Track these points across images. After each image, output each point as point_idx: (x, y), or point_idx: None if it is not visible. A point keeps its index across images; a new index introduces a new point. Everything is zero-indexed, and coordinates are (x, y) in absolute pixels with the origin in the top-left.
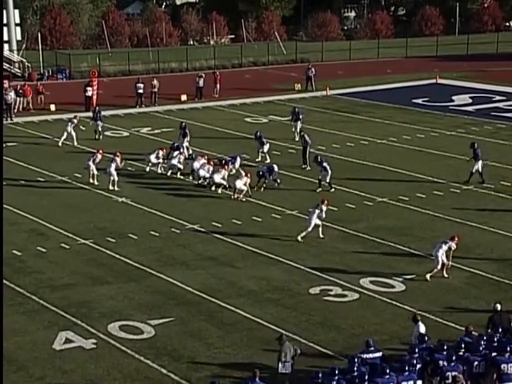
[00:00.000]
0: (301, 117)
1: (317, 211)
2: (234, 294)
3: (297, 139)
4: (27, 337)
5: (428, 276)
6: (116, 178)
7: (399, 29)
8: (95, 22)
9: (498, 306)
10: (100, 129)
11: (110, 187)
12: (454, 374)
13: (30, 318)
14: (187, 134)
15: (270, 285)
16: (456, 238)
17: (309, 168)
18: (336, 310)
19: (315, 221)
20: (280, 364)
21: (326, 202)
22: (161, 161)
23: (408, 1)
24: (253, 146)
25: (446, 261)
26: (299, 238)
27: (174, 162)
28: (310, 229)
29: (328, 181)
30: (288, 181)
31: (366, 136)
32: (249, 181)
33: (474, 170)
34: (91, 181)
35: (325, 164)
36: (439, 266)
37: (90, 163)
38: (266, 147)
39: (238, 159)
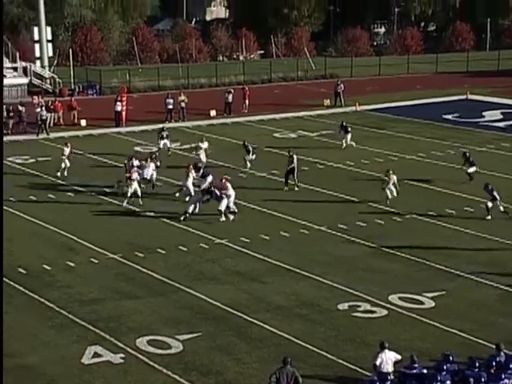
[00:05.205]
0: (349, 129)
1: None
2: (262, 309)
3: (343, 147)
4: (56, 351)
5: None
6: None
7: (429, 44)
8: (125, 39)
9: None
10: (166, 147)
11: (140, 202)
12: None
13: (59, 332)
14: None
15: (299, 300)
16: None
17: (297, 189)
18: (365, 326)
19: None
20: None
21: None
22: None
23: (438, 16)
24: (281, 161)
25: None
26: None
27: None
28: None
29: (490, 206)
30: (317, 196)
31: (394, 151)
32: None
33: None
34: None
35: (495, 193)
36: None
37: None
38: (253, 156)
39: (209, 178)
